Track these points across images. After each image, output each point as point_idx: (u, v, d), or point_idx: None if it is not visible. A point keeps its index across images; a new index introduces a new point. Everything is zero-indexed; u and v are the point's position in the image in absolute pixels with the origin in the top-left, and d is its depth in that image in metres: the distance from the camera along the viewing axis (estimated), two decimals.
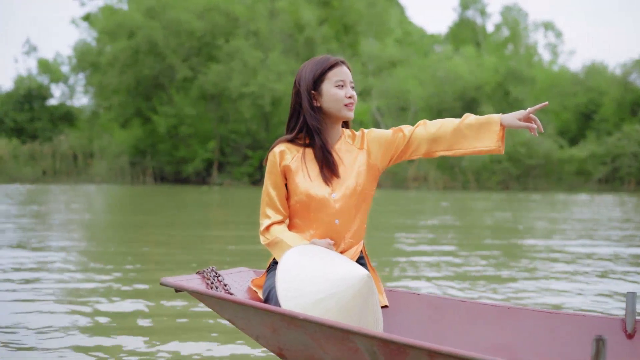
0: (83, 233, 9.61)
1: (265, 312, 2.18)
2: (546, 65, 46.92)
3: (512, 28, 48.79)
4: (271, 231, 2.55)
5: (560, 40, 50.00)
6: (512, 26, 48.71)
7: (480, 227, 11.42)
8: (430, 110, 37.94)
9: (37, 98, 44.71)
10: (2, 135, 41.25)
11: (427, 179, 33.32)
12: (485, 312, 2.53)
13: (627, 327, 2.31)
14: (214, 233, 10.00)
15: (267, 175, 2.60)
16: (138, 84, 35.71)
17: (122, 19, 34.82)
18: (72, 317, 4.08)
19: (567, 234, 10.00)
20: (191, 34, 34.16)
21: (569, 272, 6.14)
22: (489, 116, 2.53)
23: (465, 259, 7.03)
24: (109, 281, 5.41)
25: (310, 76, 2.56)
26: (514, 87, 38.29)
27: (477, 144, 2.54)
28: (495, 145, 2.51)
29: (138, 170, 36.34)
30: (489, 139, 2.52)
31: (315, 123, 2.55)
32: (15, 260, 6.41)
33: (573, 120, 38.97)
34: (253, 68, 32.88)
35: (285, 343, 2.25)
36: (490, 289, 5.21)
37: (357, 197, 2.58)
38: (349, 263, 2.32)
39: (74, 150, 36.53)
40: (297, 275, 2.22)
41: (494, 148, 2.51)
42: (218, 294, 2.33)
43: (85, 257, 6.92)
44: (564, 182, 32.40)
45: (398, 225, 11.40)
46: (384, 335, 1.92)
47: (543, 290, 5.15)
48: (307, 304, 2.16)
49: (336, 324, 2.00)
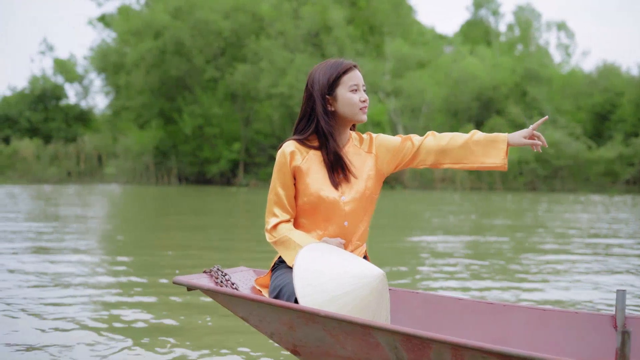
0: (159, 238, 9.53)
1: (284, 309, 2.21)
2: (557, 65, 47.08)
3: (523, 28, 48.85)
4: (279, 229, 2.57)
5: (572, 40, 50.18)
6: (524, 27, 48.75)
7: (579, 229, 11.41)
8: (447, 111, 38.06)
9: (51, 98, 44.51)
10: (16, 135, 41.04)
11: (454, 179, 33.40)
12: (481, 310, 2.61)
13: (618, 323, 2.40)
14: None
15: (276, 175, 2.61)
16: (162, 84, 35.58)
17: (148, 19, 34.66)
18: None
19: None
20: (218, 34, 34.06)
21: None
22: (497, 135, 2.62)
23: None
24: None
25: (324, 80, 2.57)
26: (531, 88, 38.45)
27: (484, 160, 2.62)
28: (501, 162, 2.60)
29: (163, 171, 36.21)
30: (495, 156, 2.61)
31: (329, 127, 2.57)
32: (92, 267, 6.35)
33: (588, 120, 39.11)
34: (282, 68, 32.79)
35: (301, 339, 2.27)
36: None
37: (366, 200, 2.63)
38: (364, 261, 2.36)
39: (98, 151, 36.37)
40: (314, 272, 2.26)
41: (499, 165, 2.60)
42: (234, 291, 2.35)
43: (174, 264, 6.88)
44: (591, 183, 32.53)
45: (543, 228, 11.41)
46: (408, 330, 1.96)
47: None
48: (323, 300, 2.20)
49: (358, 320, 2.04)
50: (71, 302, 4.47)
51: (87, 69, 44.96)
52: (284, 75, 32.79)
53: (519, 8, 49.39)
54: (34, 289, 4.91)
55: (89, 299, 4.63)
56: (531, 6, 50.12)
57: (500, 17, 52.23)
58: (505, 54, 44.24)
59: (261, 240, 8.02)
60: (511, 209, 17.81)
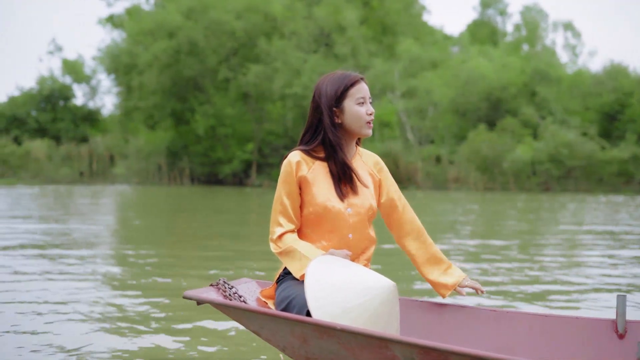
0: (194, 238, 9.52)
1: (297, 323, 2.21)
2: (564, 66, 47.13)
3: (530, 29, 48.87)
4: (284, 240, 2.56)
5: (579, 40, 50.21)
6: (531, 27, 48.78)
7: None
8: (456, 112, 38.04)
9: (59, 98, 44.44)
10: (25, 135, 40.98)
11: (467, 180, 33.40)
12: (484, 317, 2.65)
13: (618, 327, 2.47)
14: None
15: (282, 184, 2.61)
16: (174, 84, 35.51)
17: (161, 20, 34.59)
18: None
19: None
20: (231, 34, 34.01)
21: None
22: (460, 273, 2.71)
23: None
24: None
25: (332, 93, 2.58)
26: (541, 88, 38.45)
27: (436, 279, 2.70)
28: (444, 292, 2.70)
29: (175, 171, 36.15)
30: (444, 287, 2.70)
31: (336, 139, 2.59)
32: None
33: (597, 120, 39.11)
34: (296, 69, 32.75)
35: (314, 353, 2.27)
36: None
37: (371, 213, 2.65)
38: (374, 272, 2.37)
39: (110, 152, 36.32)
40: (325, 284, 2.26)
41: (441, 290, 2.70)
42: (247, 305, 2.36)
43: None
44: (604, 183, 32.52)
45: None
46: (426, 342, 1.96)
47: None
48: (336, 312, 2.20)
49: (376, 334, 2.05)
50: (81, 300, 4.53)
51: (94, 69, 44.93)
52: (299, 75, 32.74)
53: (525, 8, 49.49)
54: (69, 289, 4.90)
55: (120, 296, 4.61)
56: (538, 6, 50.24)
57: (508, 17, 52.32)
58: (511, 54, 44.23)
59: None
60: (563, 212, 17.81)
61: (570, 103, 38.06)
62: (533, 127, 35.47)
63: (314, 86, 2.65)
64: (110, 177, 35.95)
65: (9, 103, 44.15)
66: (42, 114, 43.23)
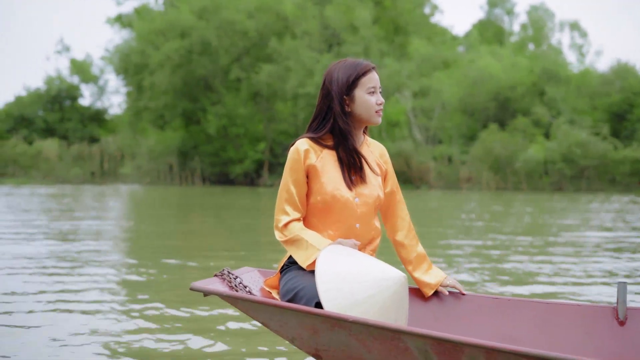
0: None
1: (308, 315, 2.19)
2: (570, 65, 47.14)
3: (536, 28, 48.87)
4: (290, 228, 2.53)
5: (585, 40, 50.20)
6: (538, 26, 48.77)
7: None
8: (464, 111, 38.03)
9: (67, 98, 44.38)
10: (32, 135, 40.89)
11: (480, 180, 33.39)
12: (486, 304, 2.67)
13: (619, 314, 2.52)
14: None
15: (289, 172, 2.58)
16: (185, 84, 35.45)
17: (172, 19, 34.54)
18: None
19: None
20: (244, 34, 33.97)
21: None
22: (441, 273, 2.74)
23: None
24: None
25: (343, 80, 2.55)
26: (550, 87, 38.45)
27: (420, 277, 2.72)
28: (428, 291, 2.71)
29: (187, 171, 36.10)
30: (427, 286, 2.71)
31: (347, 127, 2.56)
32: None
33: (605, 120, 39.10)
34: (309, 69, 32.70)
35: (325, 344, 2.25)
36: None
37: (378, 203, 2.63)
38: (383, 263, 2.35)
39: (121, 152, 36.26)
40: (336, 275, 2.24)
41: (425, 289, 2.71)
42: (255, 297, 2.32)
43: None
44: (617, 183, 32.51)
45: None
46: (439, 334, 1.96)
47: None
48: (347, 304, 2.19)
49: (389, 325, 2.04)
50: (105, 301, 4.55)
51: (102, 69, 44.88)
52: (311, 75, 32.69)
53: (532, 8, 49.51)
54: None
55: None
56: (545, 5, 50.27)
57: (515, 17, 52.31)
58: (518, 53, 44.23)
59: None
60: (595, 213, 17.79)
61: (578, 103, 38.04)
62: (545, 126, 35.44)
63: (324, 72, 2.62)
64: (121, 177, 35.90)
65: (16, 103, 44.09)
66: (49, 114, 43.17)
